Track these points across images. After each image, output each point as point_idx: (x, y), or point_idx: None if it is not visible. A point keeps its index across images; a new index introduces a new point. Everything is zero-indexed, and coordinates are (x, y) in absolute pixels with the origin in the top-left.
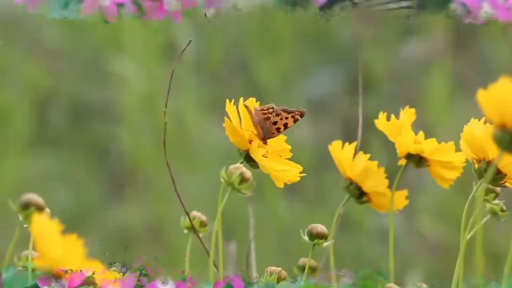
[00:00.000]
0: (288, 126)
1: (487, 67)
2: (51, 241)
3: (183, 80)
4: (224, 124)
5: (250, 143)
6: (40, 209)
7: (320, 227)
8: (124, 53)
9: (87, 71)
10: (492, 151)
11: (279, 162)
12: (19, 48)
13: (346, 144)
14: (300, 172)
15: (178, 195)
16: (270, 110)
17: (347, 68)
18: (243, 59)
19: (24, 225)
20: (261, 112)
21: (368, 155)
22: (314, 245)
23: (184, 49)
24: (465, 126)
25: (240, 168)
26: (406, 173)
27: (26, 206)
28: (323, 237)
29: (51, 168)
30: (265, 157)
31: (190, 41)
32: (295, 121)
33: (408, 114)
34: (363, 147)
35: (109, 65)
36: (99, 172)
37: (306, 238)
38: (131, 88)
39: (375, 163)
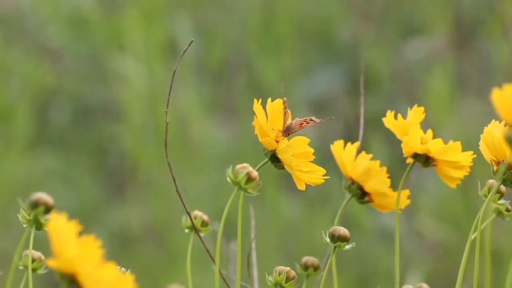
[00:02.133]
0: (303, 127)
1: (488, 67)
2: (67, 242)
3: (185, 80)
4: (253, 123)
5: (277, 143)
6: (49, 208)
7: (343, 230)
8: (125, 53)
9: (89, 71)
10: None
11: (303, 164)
12: (21, 48)
13: (348, 143)
14: (323, 175)
15: (179, 195)
16: (308, 120)
17: (347, 68)
18: (244, 59)
19: (24, 225)
20: (298, 122)
21: (370, 155)
22: (335, 247)
23: (186, 49)
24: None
25: (247, 167)
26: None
27: (35, 205)
28: (345, 240)
29: (52, 168)
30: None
31: (192, 41)
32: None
33: (416, 114)
34: (364, 147)
35: (111, 65)
36: (101, 172)
37: (327, 240)
38: (133, 87)
39: (377, 162)
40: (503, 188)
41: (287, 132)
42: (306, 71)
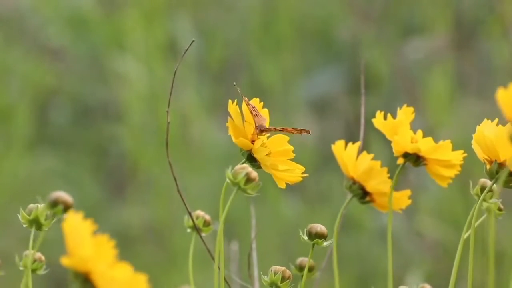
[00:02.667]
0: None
1: (488, 67)
2: (82, 241)
3: (185, 80)
4: (227, 124)
5: (253, 143)
6: (68, 207)
7: (320, 227)
8: (125, 53)
9: (89, 71)
10: (504, 153)
11: (282, 163)
12: (21, 48)
13: (350, 143)
14: (302, 172)
15: (180, 194)
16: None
17: (347, 68)
18: (244, 59)
19: (24, 225)
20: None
21: (372, 155)
22: (313, 245)
23: (187, 49)
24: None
25: (246, 168)
26: (407, 173)
27: (55, 204)
28: (322, 236)
29: (52, 168)
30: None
31: (193, 40)
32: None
33: (405, 113)
34: (364, 146)
35: (111, 65)
36: (101, 172)
37: (305, 238)
38: (133, 87)
39: (379, 162)
40: (494, 186)
41: (261, 130)
42: (306, 71)
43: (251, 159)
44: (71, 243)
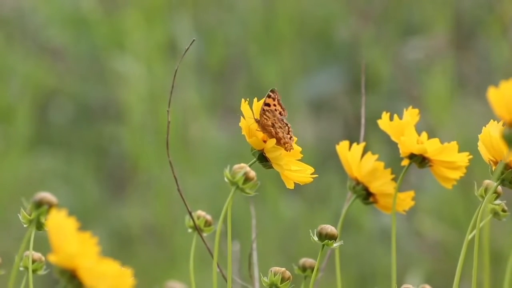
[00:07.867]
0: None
1: (487, 67)
2: (67, 238)
3: (185, 80)
4: (240, 124)
5: (265, 143)
6: (53, 207)
7: (330, 228)
8: (126, 53)
9: (89, 71)
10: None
11: (291, 163)
12: (21, 48)
13: (354, 144)
14: (312, 173)
15: (180, 194)
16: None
17: (347, 68)
18: (244, 59)
19: (25, 225)
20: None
21: (376, 156)
22: (323, 246)
23: (187, 49)
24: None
25: (244, 167)
26: (407, 173)
27: (39, 205)
28: (332, 238)
29: (52, 168)
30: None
31: (194, 40)
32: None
33: (411, 114)
34: (364, 147)
35: (111, 65)
36: (101, 172)
37: (315, 238)
38: (133, 87)
39: (382, 163)
40: (499, 188)
41: (256, 121)
42: (306, 71)
43: (262, 159)
44: (55, 241)
